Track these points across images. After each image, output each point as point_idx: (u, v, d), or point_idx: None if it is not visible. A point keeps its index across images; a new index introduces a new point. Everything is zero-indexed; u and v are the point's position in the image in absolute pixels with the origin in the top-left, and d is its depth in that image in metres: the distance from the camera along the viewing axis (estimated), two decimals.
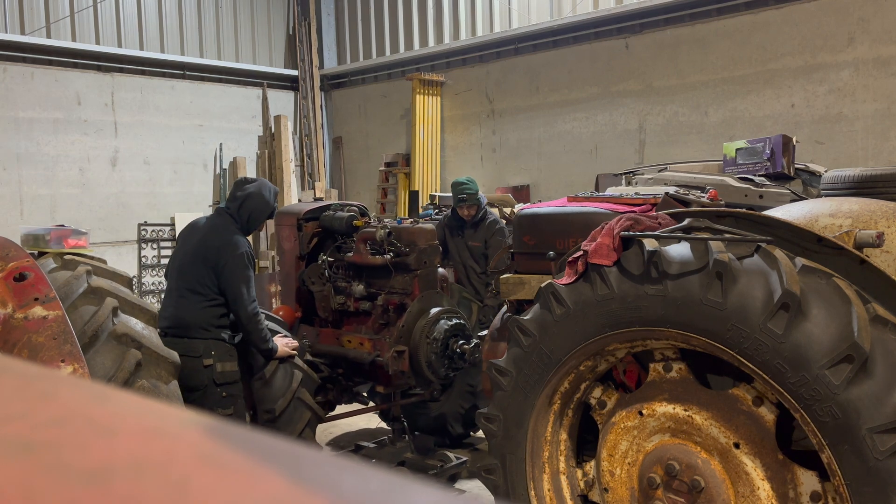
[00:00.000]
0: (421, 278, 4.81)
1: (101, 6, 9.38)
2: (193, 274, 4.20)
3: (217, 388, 4.09)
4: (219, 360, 4.10)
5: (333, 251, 5.19)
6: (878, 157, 6.69)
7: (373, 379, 5.07)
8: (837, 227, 2.75)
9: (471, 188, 6.10)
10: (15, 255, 2.73)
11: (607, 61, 8.48)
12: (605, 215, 3.27)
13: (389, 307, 4.84)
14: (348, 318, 5.14)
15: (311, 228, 5.28)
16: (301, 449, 0.43)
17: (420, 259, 4.82)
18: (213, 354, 4.10)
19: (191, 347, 4.05)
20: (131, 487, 0.35)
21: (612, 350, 2.91)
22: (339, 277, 5.10)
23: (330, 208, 5.32)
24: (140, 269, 9.62)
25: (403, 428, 5.48)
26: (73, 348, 2.52)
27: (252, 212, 4.33)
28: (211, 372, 4.07)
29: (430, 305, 4.78)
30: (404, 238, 4.84)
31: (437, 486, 0.41)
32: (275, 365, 4.38)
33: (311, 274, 5.15)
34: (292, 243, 5.28)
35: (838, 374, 2.22)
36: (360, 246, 4.96)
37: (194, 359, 4.03)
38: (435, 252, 4.93)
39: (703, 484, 2.64)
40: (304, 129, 11.32)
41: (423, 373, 4.69)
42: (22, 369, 0.51)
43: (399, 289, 4.84)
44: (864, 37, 6.77)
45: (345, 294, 5.04)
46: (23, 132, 8.66)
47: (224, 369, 4.11)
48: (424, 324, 4.68)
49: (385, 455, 5.40)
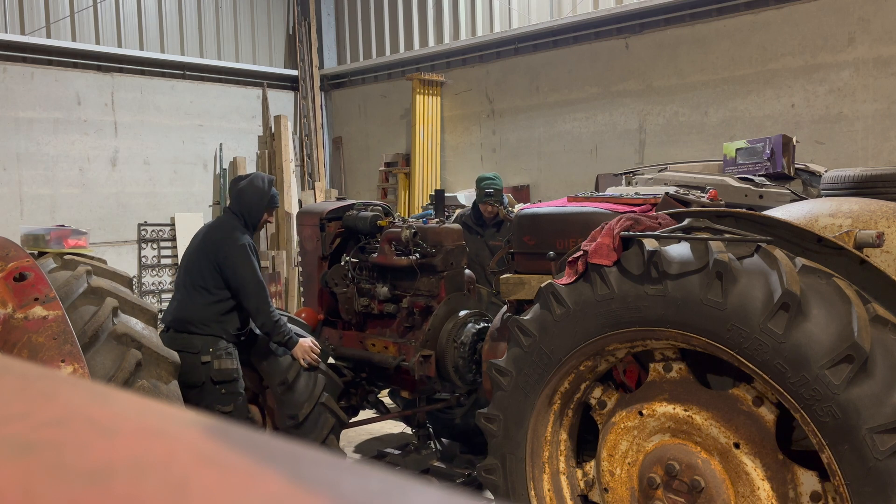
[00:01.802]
0: (447, 280, 4.65)
1: (101, 6, 9.38)
2: (197, 270, 4.21)
3: (215, 385, 4.08)
4: (216, 357, 4.09)
5: (357, 252, 5.04)
6: (878, 157, 6.69)
7: (397, 383, 4.94)
8: (837, 227, 2.75)
9: (497, 183, 5.89)
10: (15, 255, 2.73)
11: (607, 61, 8.48)
12: (605, 215, 3.27)
13: (415, 310, 4.70)
14: (372, 320, 5.00)
15: (333, 228, 5.14)
16: (301, 449, 0.43)
17: (447, 260, 4.66)
18: (211, 351, 4.09)
19: (189, 343, 4.06)
20: (131, 487, 0.35)
21: (612, 350, 2.91)
22: (363, 279, 4.95)
23: (353, 208, 5.17)
24: (140, 269, 9.62)
25: (429, 434, 5.32)
26: (73, 348, 2.52)
27: (249, 205, 4.33)
28: (208, 369, 4.06)
29: (457, 308, 4.62)
30: (430, 238, 4.68)
31: (437, 486, 0.41)
32: (297, 369, 4.29)
33: (333, 275, 5.02)
34: (314, 244, 5.15)
35: (838, 374, 2.22)
36: (384, 246, 4.80)
37: (192, 355, 4.02)
38: (462, 253, 4.76)
39: (703, 484, 2.64)
40: (304, 129, 11.32)
41: (450, 378, 4.53)
42: (22, 369, 0.51)
43: (425, 291, 4.69)
44: (865, 37, 6.77)
45: (368, 296, 4.89)
46: (23, 132, 8.67)
47: (221, 367, 4.09)
48: (451, 327, 4.53)
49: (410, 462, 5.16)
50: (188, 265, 4.30)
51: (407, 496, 0.39)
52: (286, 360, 4.32)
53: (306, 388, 4.29)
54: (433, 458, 5.28)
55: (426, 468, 5.16)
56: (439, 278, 4.65)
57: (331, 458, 0.42)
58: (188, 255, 4.37)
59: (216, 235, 4.26)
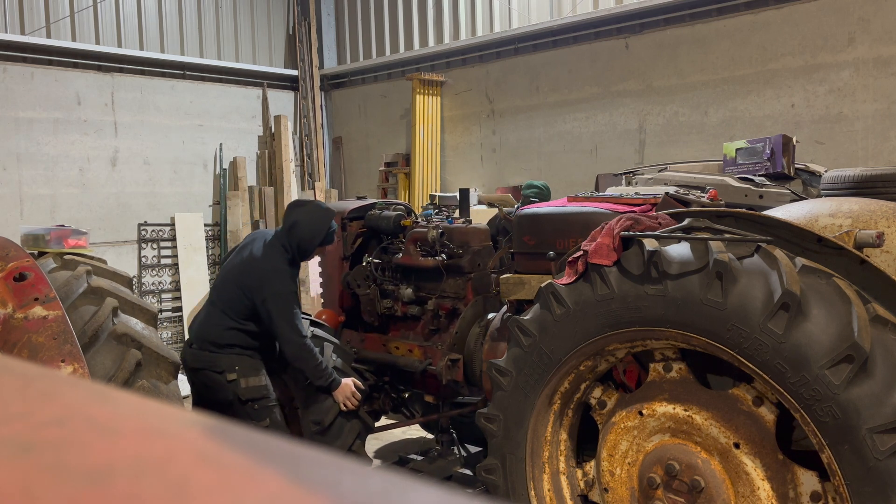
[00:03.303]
0: (474, 281, 4.51)
1: (101, 6, 9.38)
2: (228, 294, 4.04)
3: (244, 403, 3.94)
4: (242, 375, 3.94)
5: (380, 252, 4.92)
6: (878, 157, 6.69)
7: (422, 388, 4.80)
8: (837, 227, 2.75)
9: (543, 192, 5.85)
10: (15, 255, 2.73)
11: (607, 61, 8.48)
12: (605, 215, 3.27)
13: (441, 312, 4.55)
14: (395, 323, 4.87)
15: (355, 228, 5.03)
16: (301, 449, 0.43)
17: (474, 261, 4.53)
18: (237, 370, 3.95)
19: (214, 363, 3.94)
20: (131, 487, 0.35)
21: (612, 350, 2.91)
22: (386, 280, 4.82)
23: (375, 207, 5.07)
24: (140, 269, 9.62)
25: (452, 440, 5.18)
26: (73, 348, 2.52)
27: (300, 241, 4.06)
28: (235, 387, 3.93)
29: (485, 311, 4.47)
30: (457, 239, 4.57)
31: (437, 486, 0.41)
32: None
33: (355, 276, 4.91)
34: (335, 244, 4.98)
35: (838, 374, 2.22)
36: (409, 247, 4.67)
37: (218, 374, 3.92)
38: (488, 254, 4.63)
39: (703, 484, 2.64)
40: (304, 129, 11.32)
41: (478, 383, 4.36)
42: (22, 369, 0.51)
43: (451, 293, 4.56)
44: (865, 37, 6.77)
45: (392, 298, 4.76)
46: (23, 132, 8.66)
47: (249, 384, 3.95)
48: (479, 330, 4.38)
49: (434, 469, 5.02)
50: (221, 284, 4.11)
51: (407, 496, 0.39)
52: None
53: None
54: (457, 464, 5.14)
55: (449, 475, 5.04)
56: (466, 280, 4.54)
57: (331, 458, 0.42)
58: (225, 272, 4.16)
59: (259, 267, 3.98)
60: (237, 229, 10.02)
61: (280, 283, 3.94)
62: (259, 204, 10.36)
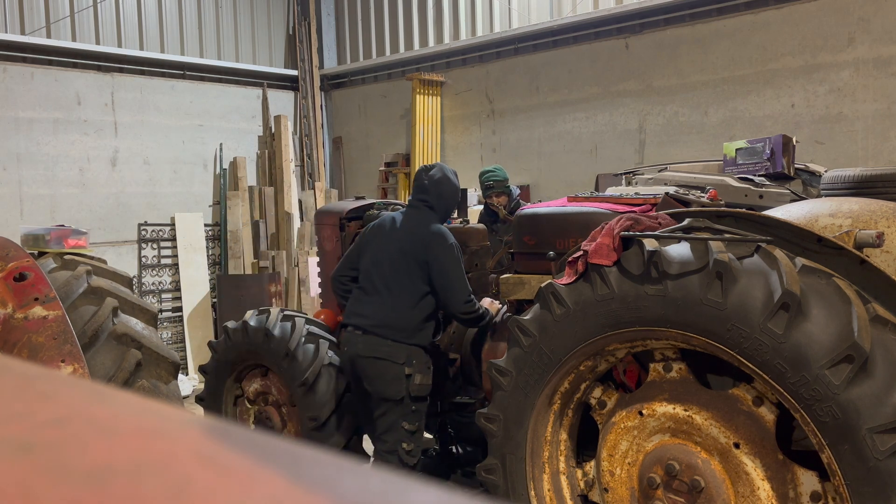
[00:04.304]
0: (472, 281, 4.48)
1: (101, 6, 9.37)
2: (402, 271, 3.95)
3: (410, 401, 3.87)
4: (418, 371, 3.88)
5: None
6: (878, 157, 6.69)
7: None
8: (837, 227, 2.75)
9: (497, 175, 5.76)
10: (15, 255, 2.73)
11: (607, 61, 8.48)
12: (605, 215, 3.27)
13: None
14: None
15: (354, 228, 5.00)
16: (301, 449, 0.43)
17: (471, 261, 4.53)
18: (414, 363, 3.88)
19: (394, 353, 3.85)
20: (131, 487, 0.35)
21: (612, 350, 2.91)
22: None
23: (374, 207, 5.06)
24: (140, 269, 9.61)
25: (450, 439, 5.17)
26: (73, 348, 2.52)
27: (447, 198, 4.09)
28: (409, 383, 3.85)
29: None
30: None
31: (437, 486, 0.41)
32: (317, 369, 4.17)
33: None
34: (334, 244, 5.02)
35: (838, 374, 2.22)
36: None
37: (397, 365, 3.83)
38: (486, 254, 4.64)
39: (703, 484, 2.64)
40: (304, 129, 11.32)
41: (476, 382, 4.42)
42: (22, 369, 0.51)
43: None
44: (865, 37, 6.77)
45: None
46: (23, 132, 8.66)
47: (422, 382, 3.89)
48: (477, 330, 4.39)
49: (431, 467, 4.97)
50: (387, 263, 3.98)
51: (407, 496, 0.39)
52: (306, 361, 4.20)
53: (327, 388, 4.18)
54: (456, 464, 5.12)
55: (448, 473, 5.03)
56: None
57: (331, 458, 0.42)
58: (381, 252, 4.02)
59: (421, 232, 3.97)
60: (237, 229, 10.02)
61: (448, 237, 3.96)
62: (259, 204, 10.36)
